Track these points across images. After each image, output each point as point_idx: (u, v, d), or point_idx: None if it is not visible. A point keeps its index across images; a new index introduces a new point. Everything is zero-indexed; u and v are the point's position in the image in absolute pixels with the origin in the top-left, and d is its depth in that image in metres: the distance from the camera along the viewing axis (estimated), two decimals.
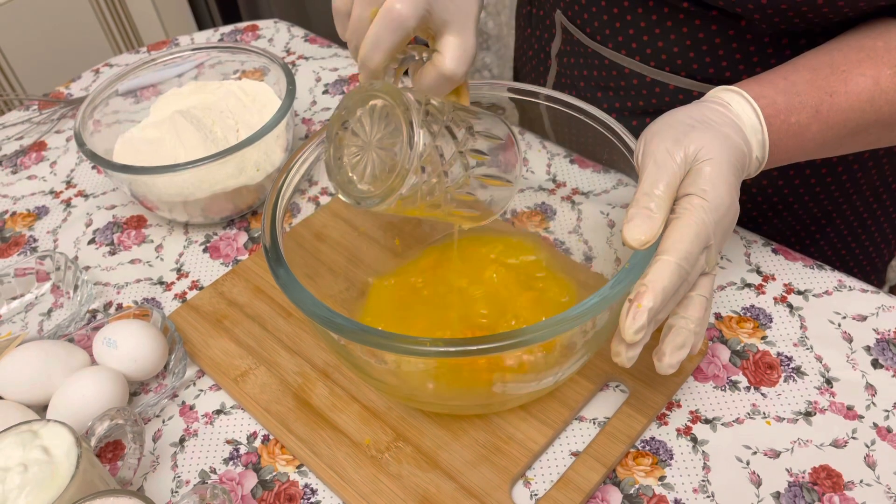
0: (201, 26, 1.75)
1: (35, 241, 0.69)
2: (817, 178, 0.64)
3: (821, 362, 0.52)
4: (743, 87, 0.47)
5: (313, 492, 0.49)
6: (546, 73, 0.74)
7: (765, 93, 0.47)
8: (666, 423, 0.50)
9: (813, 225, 0.69)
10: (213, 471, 0.50)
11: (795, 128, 0.47)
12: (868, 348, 0.53)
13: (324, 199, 0.63)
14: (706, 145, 0.42)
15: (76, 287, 0.61)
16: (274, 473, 0.50)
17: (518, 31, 0.81)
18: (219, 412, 0.54)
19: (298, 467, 0.50)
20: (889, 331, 0.54)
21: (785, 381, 0.52)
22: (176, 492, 0.50)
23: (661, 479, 0.47)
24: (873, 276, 0.76)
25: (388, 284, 0.57)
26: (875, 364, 0.52)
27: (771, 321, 0.55)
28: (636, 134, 0.48)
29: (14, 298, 0.62)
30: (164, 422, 0.53)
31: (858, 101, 0.47)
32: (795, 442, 0.48)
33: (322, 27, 1.88)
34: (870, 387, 0.51)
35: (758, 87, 0.47)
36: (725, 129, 0.44)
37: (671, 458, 0.48)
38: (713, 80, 0.59)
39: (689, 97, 0.61)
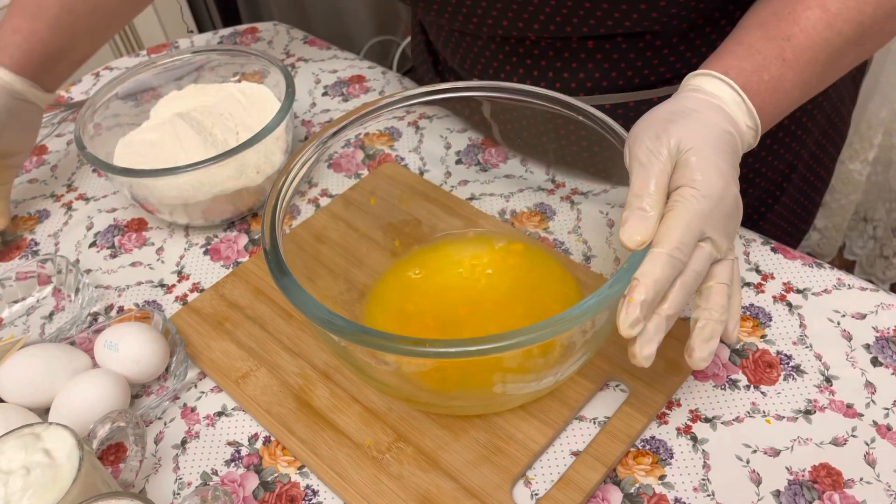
0: (201, 29, 1.75)
1: (36, 244, 0.70)
2: (772, 137, 0.67)
3: (820, 360, 0.52)
4: (708, 68, 0.47)
5: (315, 493, 0.49)
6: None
7: (729, 64, 0.47)
8: (666, 423, 0.50)
9: (780, 176, 0.71)
10: (215, 472, 0.50)
11: (772, 84, 0.47)
12: (867, 346, 0.53)
13: (324, 201, 0.63)
14: (684, 136, 0.42)
15: (77, 290, 0.61)
16: (275, 475, 0.50)
17: None
18: (220, 414, 0.54)
19: (300, 468, 0.50)
20: (888, 329, 0.54)
21: (784, 379, 0.52)
22: (178, 494, 0.50)
23: (662, 478, 0.47)
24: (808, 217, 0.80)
25: (388, 285, 0.57)
26: (874, 362, 0.52)
27: (770, 320, 0.55)
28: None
29: (16, 302, 0.63)
30: (165, 424, 0.54)
31: (817, 33, 0.47)
32: (795, 440, 0.48)
33: (321, 29, 1.88)
34: (869, 385, 0.51)
35: (720, 61, 0.47)
36: (704, 113, 0.44)
37: (671, 457, 0.48)
38: (642, 87, 0.60)
39: (626, 109, 0.62)
